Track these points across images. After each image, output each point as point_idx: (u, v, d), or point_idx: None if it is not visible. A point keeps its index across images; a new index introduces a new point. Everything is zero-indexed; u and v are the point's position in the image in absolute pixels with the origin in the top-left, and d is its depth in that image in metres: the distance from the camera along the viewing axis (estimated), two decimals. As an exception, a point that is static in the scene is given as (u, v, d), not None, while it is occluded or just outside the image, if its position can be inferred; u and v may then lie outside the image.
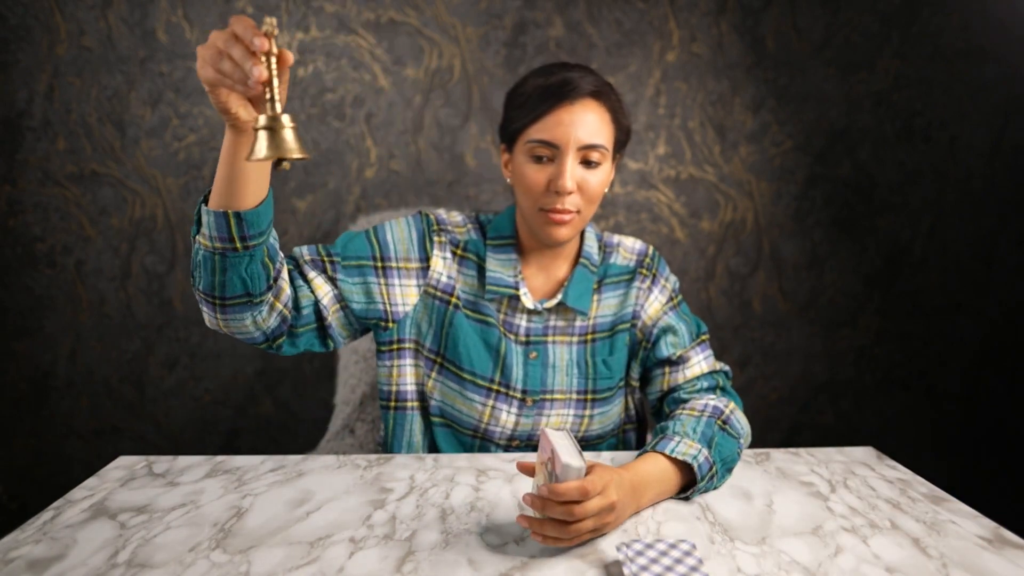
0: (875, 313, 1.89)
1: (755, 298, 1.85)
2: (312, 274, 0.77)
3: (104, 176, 1.65)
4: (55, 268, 1.68)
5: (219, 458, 0.79)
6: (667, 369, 0.85)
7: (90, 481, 0.72)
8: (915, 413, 1.95)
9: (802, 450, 0.85)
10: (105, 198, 1.66)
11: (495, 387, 0.82)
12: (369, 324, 0.83)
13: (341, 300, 0.79)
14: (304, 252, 0.80)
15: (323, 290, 0.78)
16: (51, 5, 1.57)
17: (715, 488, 0.73)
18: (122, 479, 0.73)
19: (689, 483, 0.71)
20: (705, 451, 0.70)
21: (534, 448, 0.85)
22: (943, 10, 1.74)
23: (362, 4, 1.63)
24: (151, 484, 0.71)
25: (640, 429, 0.95)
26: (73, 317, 1.71)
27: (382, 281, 0.81)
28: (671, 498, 0.70)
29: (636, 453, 0.74)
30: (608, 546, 0.59)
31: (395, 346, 0.85)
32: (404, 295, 0.82)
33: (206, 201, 0.63)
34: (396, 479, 0.74)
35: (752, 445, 1.92)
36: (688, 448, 0.70)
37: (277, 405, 1.79)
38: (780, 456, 0.83)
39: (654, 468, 0.68)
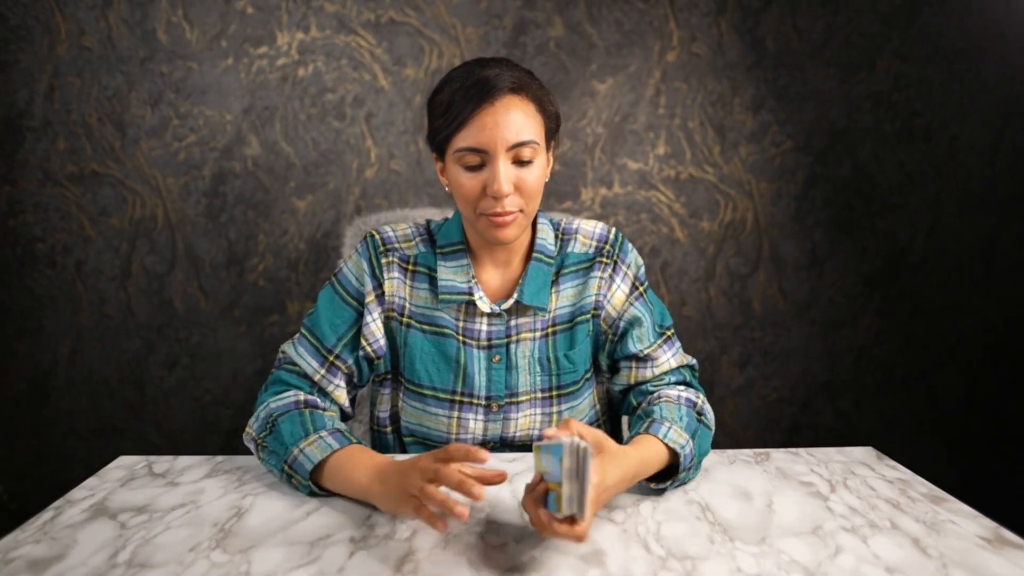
0: (875, 313, 1.88)
1: (755, 298, 1.85)
2: (331, 387, 0.79)
3: (104, 176, 1.65)
4: (55, 268, 1.68)
5: (219, 458, 0.79)
6: (634, 364, 0.84)
7: (90, 481, 0.72)
8: (915, 413, 1.95)
9: (802, 450, 0.85)
10: (105, 198, 1.66)
11: (457, 398, 0.81)
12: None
13: (353, 381, 0.83)
14: (313, 366, 0.79)
15: (343, 394, 0.81)
16: (51, 5, 1.57)
17: (688, 481, 0.73)
18: (122, 479, 0.73)
19: (668, 470, 0.71)
20: (691, 443, 0.71)
21: (509, 449, 0.85)
22: (943, 10, 1.74)
23: (362, 4, 1.63)
24: (151, 484, 0.71)
25: (612, 421, 0.94)
26: (73, 317, 1.71)
27: (362, 324, 0.81)
28: (647, 482, 0.70)
29: (628, 437, 0.74)
30: (609, 546, 0.59)
31: (380, 377, 0.86)
32: (376, 329, 0.82)
33: (290, 470, 0.68)
34: (396, 479, 0.73)
35: (752, 445, 1.92)
36: (678, 436, 0.70)
37: (277, 405, 1.79)
38: (780, 456, 0.83)
39: (654, 453, 0.68)
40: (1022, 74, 1.78)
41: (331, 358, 0.80)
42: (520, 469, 0.76)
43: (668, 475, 0.71)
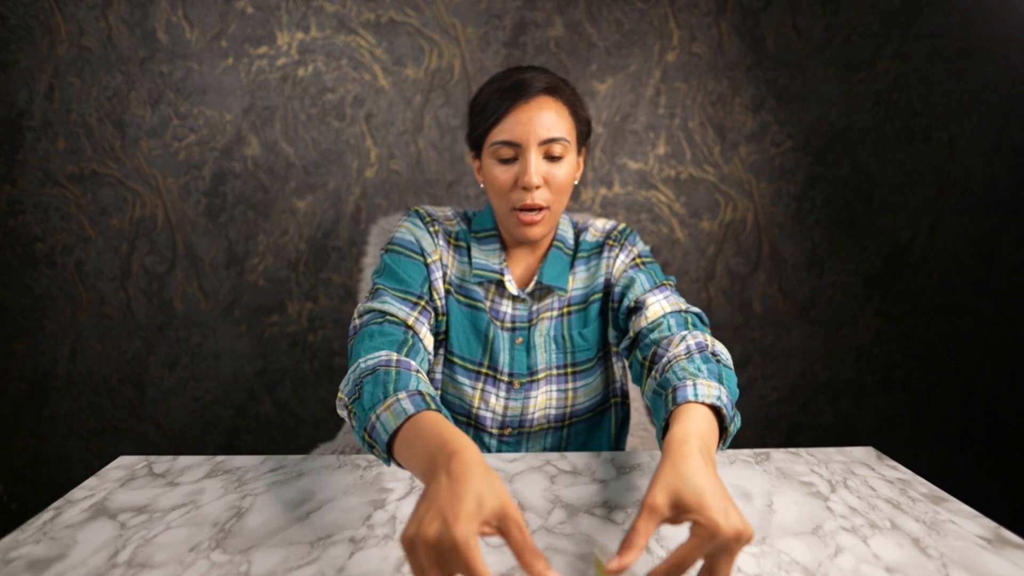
0: (875, 313, 1.88)
1: (755, 298, 1.85)
2: (423, 331, 0.77)
3: (104, 176, 1.65)
4: (55, 268, 1.68)
5: (219, 458, 0.79)
6: (633, 317, 0.82)
7: (90, 481, 0.72)
8: (915, 413, 1.95)
9: (802, 450, 0.85)
10: (105, 198, 1.66)
11: (483, 370, 0.85)
12: None
13: (432, 331, 0.82)
14: (405, 310, 0.76)
15: (431, 343, 0.78)
16: (51, 5, 1.57)
17: (737, 429, 0.70)
18: (122, 479, 0.73)
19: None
20: (722, 389, 0.63)
21: (525, 435, 0.87)
22: (943, 10, 1.74)
23: (362, 4, 1.63)
24: (151, 484, 0.71)
25: (625, 404, 0.92)
26: (73, 317, 1.71)
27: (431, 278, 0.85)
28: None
29: (657, 429, 0.66)
30: (609, 546, 0.59)
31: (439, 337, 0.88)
32: (438, 288, 0.85)
33: (369, 441, 0.60)
34: (396, 479, 0.73)
35: (752, 445, 1.92)
36: (709, 389, 0.62)
37: (277, 405, 1.79)
38: (780, 456, 0.83)
39: (704, 424, 0.58)
40: (1022, 74, 1.78)
41: (421, 303, 0.80)
42: (520, 469, 0.76)
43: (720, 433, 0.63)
